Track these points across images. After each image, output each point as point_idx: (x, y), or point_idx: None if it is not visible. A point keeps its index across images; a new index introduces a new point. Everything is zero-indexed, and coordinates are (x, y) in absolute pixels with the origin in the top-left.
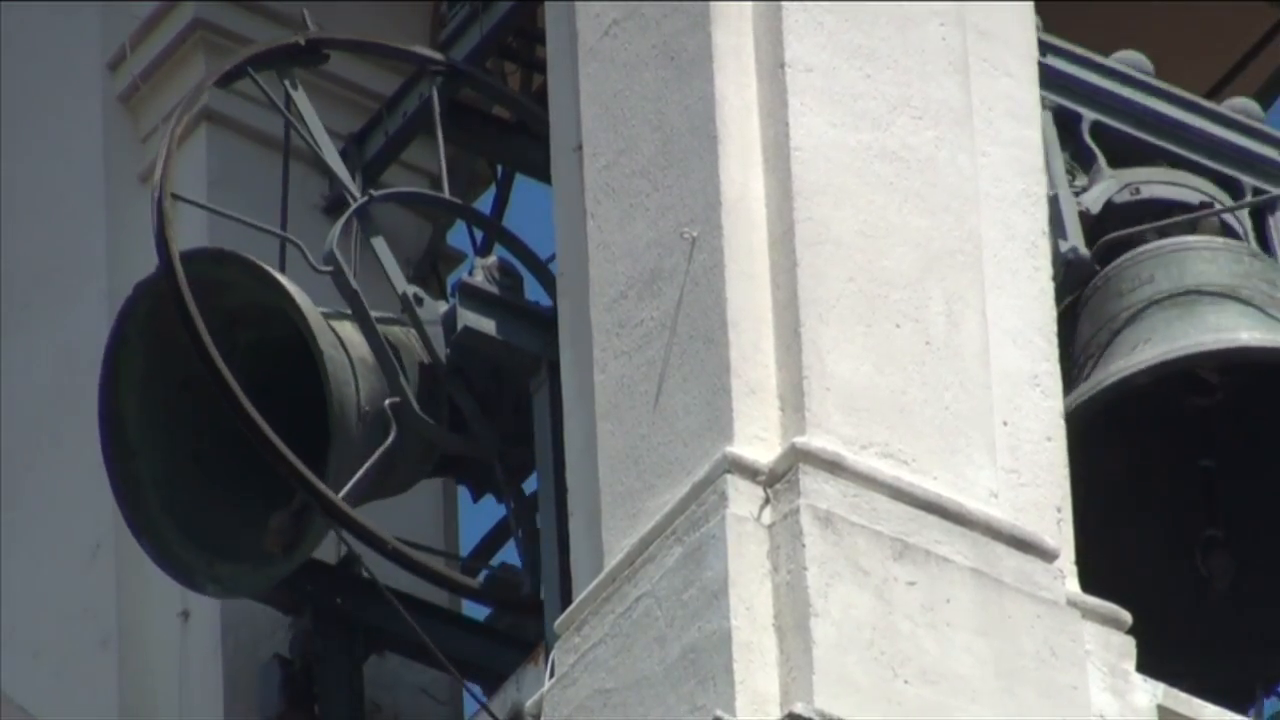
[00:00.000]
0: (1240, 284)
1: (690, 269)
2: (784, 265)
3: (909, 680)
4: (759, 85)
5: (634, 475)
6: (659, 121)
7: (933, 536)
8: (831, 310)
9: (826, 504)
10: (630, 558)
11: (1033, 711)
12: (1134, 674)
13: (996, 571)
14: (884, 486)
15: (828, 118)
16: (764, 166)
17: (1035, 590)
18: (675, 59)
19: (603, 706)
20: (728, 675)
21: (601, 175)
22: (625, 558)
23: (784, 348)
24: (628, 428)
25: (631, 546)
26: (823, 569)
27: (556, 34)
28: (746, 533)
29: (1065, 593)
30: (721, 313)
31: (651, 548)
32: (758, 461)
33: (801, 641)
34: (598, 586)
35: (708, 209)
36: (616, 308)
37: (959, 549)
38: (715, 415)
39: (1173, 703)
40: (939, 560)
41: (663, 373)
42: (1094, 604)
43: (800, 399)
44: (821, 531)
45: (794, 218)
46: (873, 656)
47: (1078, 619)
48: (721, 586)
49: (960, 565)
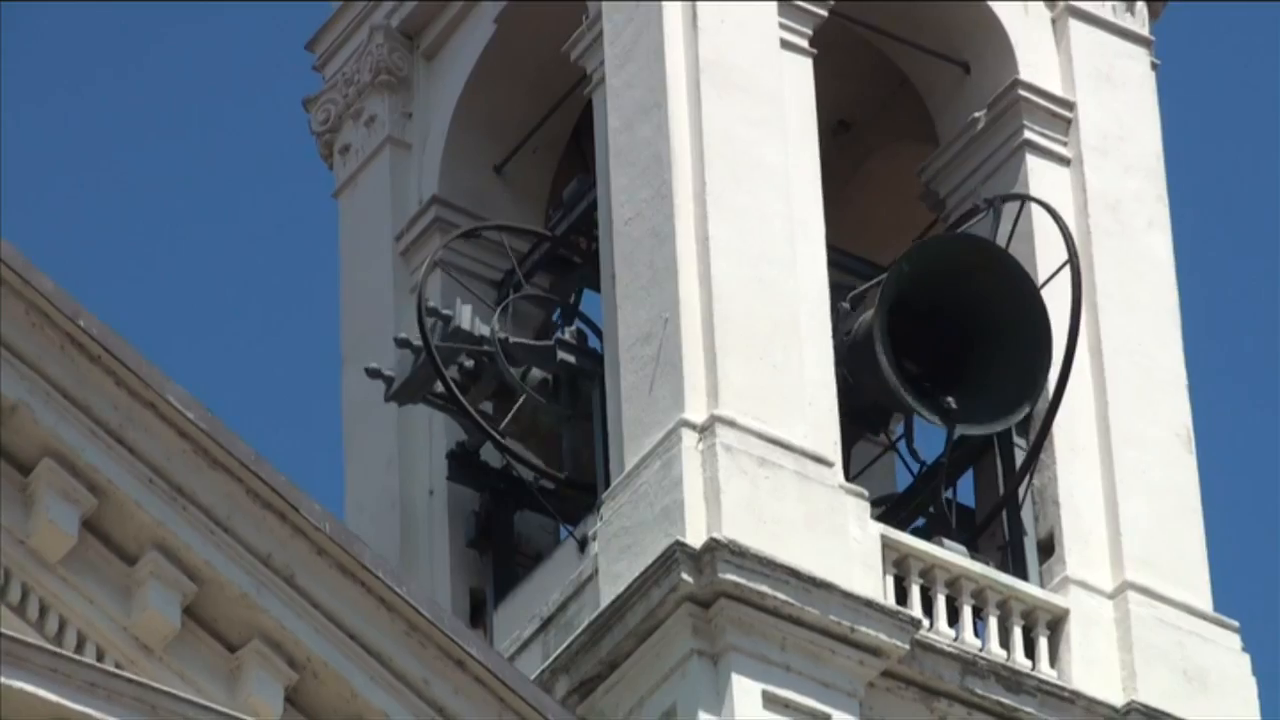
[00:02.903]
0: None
1: (665, 332)
2: (709, 336)
3: (769, 520)
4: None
5: (639, 427)
6: (651, 263)
7: (779, 454)
8: (725, 350)
9: (727, 442)
10: (637, 466)
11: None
12: (870, 522)
13: (803, 468)
14: (755, 433)
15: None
16: (699, 285)
17: (822, 479)
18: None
19: (624, 534)
20: (681, 519)
21: (625, 291)
22: (635, 466)
23: (710, 372)
24: (637, 405)
25: (637, 461)
26: (726, 472)
27: (604, 210)
28: (691, 455)
29: (838, 481)
30: (679, 353)
31: (647, 461)
32: (696, 421)
33: (716, 504)
34: (623, 479)
35: (672, 307)
36: (632, 349)
37: (790, 460)
38: (676, 400)
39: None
40: (776, 466)
41: (653, 379)
42: (853, 488)
43: (716, 391)
44: (724, 454)
45: (713, 308)
46: (748, 506)
47: (843, 495)
48: (679, 480)
49: (788, 469)
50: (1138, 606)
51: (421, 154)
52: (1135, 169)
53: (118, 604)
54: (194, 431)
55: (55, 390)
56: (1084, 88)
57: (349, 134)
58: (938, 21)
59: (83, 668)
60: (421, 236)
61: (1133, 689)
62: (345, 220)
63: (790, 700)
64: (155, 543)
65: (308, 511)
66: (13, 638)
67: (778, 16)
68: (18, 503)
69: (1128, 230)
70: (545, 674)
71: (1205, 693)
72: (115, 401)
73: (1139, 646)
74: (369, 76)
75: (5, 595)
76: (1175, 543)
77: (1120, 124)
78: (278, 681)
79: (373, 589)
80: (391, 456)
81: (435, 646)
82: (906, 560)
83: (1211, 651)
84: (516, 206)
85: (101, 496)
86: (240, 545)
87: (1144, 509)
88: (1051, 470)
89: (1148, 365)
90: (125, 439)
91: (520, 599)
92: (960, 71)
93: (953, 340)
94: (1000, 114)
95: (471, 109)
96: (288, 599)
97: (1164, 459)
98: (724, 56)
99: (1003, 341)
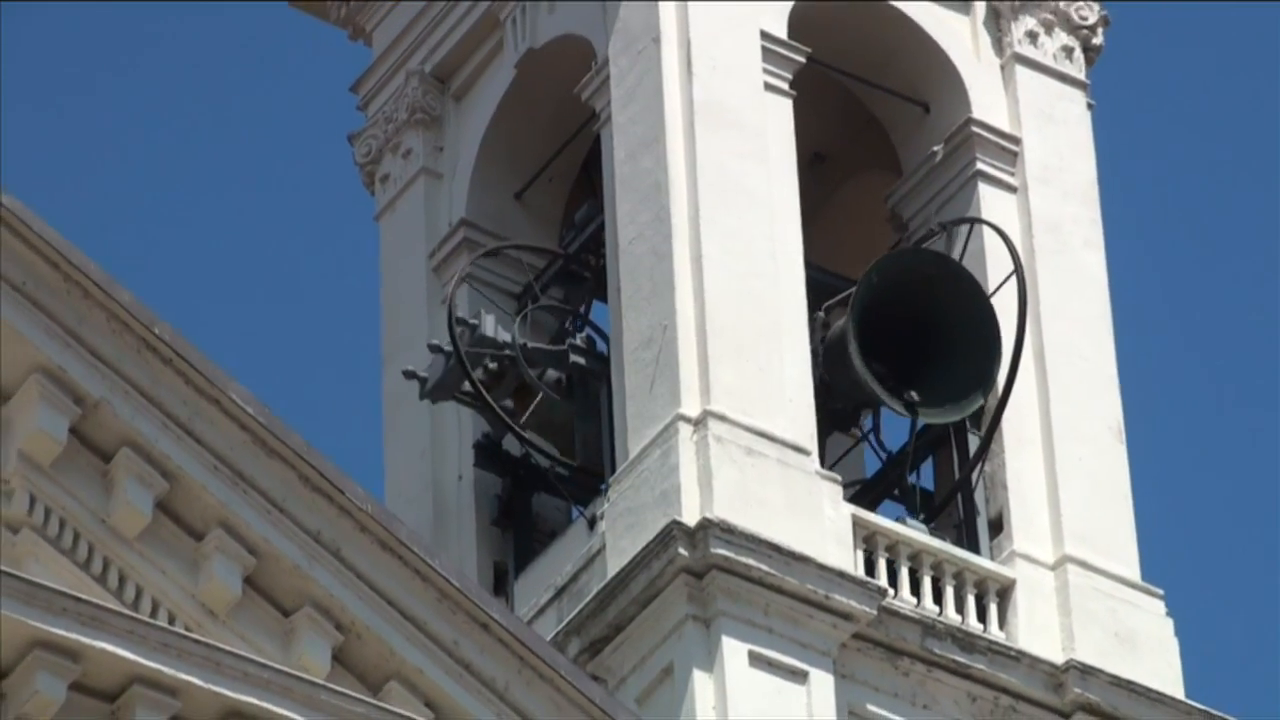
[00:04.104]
0: None
1: (664, 338)
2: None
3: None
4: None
5: (641, 421)
6: (651, 277)
7: (763, 445)
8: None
9: (718, 434)
10: (639, 455)
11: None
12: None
13: (785, 457)
14: (742, 426)
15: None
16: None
17: (801, 466)
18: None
19: (628, 514)
20: (678, 501)
21: (628, 302)
22: (637, 454)
23: (702, 372)
24: (639, 402)
25: (639, 450)
26: (717, 460)
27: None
28: (686, 445)
29: (815, 469)
30: (676, 356)
31: (648, 450)
32: (691, 416)
33: (708, 488)
34: (627, 466)
35: (669, 316)
36: (635, 353)
37: (772, 449)
38: (674, 397)
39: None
40: (760, 455)
41: (653, 379)
42: (828, 474)
43: (708, 389)
44: (715, 445)
45: (706, 317)
46: (736, 489)
47: (820, 480)
48: (676, 467)
49: (771, 458)
50: (1075, 577)
51: (451, 182)
52: (1073, 195)
53: (186, 574)
54: (253, 424)
55: (133, 389)
56: (1029, 125)
57: (388, 165)
58: (901, 67)
59: (156, 630)
60: (451, 255)
61: (1071, 649)
62: (385, 240)
63: (773, 659)
64: (219, 521)
65: (352, 494)
66: (96, 604)
67: (762, 62)
68: (99, 486)
69: (1066, 249)
70: (559, 636)
71: (1134, 652)
72: (184, 398)
73: (1076, 612)
74: (405, 115)
75: (89, 567)
76: (1108, 521)
77: (1060, 156)
78: (326, 642)
79: (409, 561)
80: (425, 447)
81: (463, 612)
82: (874, 537)
83: (1139, 616)
84: (534, 228)
85: (172, 481)
86: (293, 523)
87: (1081, 492)
88: (1000, 458)
89: (1084, 366)
90: (193, 431)
91: (537, 571)
92: (921, 111)
93: (914, 342)
94: (956, 147)
95: (495, 143)
96: (335, 570)
97: (1098, 449)
98: (715, 98)
99: (957, 342)
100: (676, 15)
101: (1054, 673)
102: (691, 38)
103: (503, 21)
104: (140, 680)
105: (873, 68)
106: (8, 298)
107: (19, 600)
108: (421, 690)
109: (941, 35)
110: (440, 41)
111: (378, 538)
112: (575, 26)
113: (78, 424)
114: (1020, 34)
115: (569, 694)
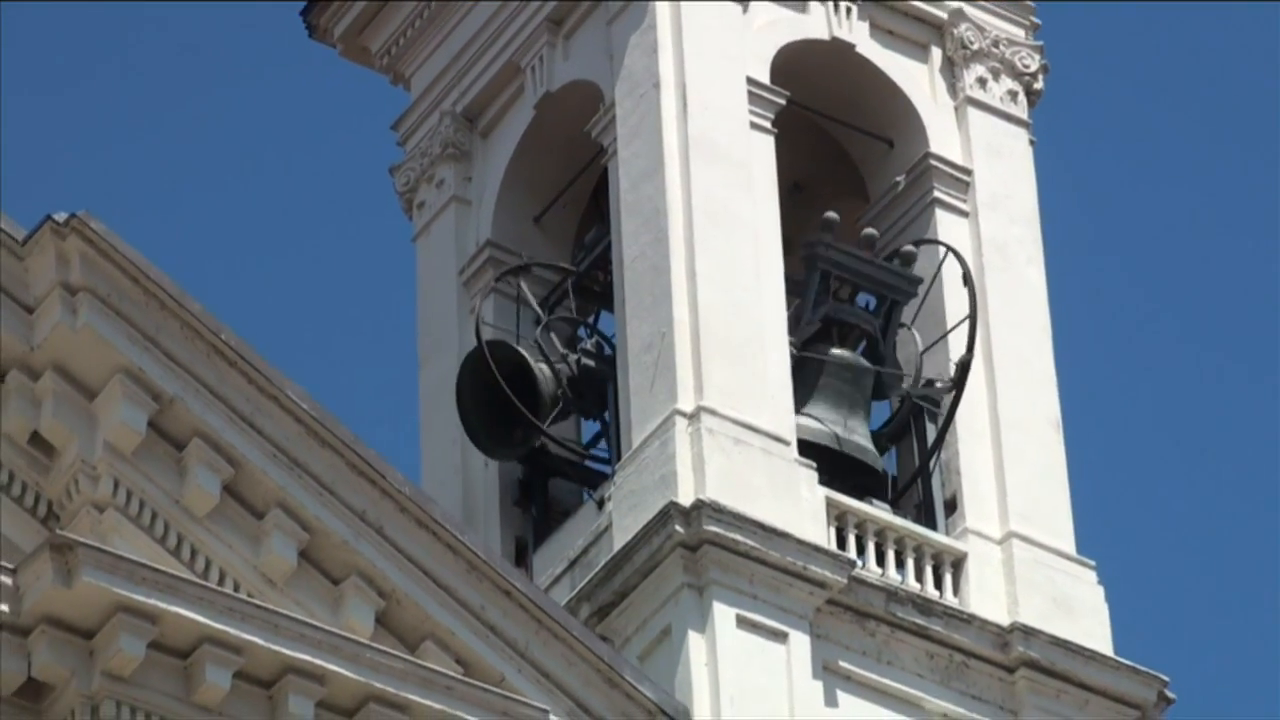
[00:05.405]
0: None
1: (663, 344)
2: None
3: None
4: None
5: (642, 415)
6: (651, 291)
7: (749, 436)
8: (708, 356)
9: (710, 426)
10: (641, 444)
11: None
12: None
13: (768, 446)
14: (731, 419)
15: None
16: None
17: (782, 455)
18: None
19: (631, 496)
20: (675, 484)
21: (632, 312)
22: (639, 444)
23: (696, 373)
24: (641, 398)
25: (640, 440)
26: (709, 449)
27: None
28: (682, 436)
29: (793, 457)
30: (673, 359)
31: (649, 440)
32: (686, 410)
33: (701, 473)
34: (631, 455)
35: (667, 324)
36: (638, 356)
37: (757, 440)
38: (671, 394)
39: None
40: (746, 444)
41: (653, 379)
42: (805, 461)
43: (702, 388)
44: (707, 436)
45: (699, 325)
46: (726, 475)
47: (798, 467)
48: (673, 455)
49: (756, 447)
50: (1019, 550)
51: (478, 208)
52: (1018, 219)
53: (249, 548)
54: (307, 418)
55: (203, 387)
56: (979, 158)
57: (424, 193)
58: (869, 108)
59: (223, 596)
60: (479, 271)
61: (1015, 612)
62: (421, 259)
63: (757, 622)
64: (278, 502)
65: (393, 479)
66: (171, 573)
67: (748, 104)
68: (174, 472)
69: (1012, 265)
70: (572, 601)
71: (1070, 615)
72: (248, 396)
73: (1020, 580)
74: (439, 150)
75: (164, 541)
76: (1048, 502)
77: (1006, 186)
78: (370, 607)
79: (442, 537)
80: (456, 437)
81: (489, 581)
82: (845, 516)
83: (1075, 584)
84: (550, 248)
85: (237, 467)
86: (342, 504)
87: (1024, 477)
88: (955, 448)
89: (1027, 367)
90: (255, 424)
91: (553, 545)
92: (886, 146)
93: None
94: (916, 178)
95: (516, 174)
96: (377, 544)
97: (1040, 439)
98: (707, 135)
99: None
100: (674, 63)
101: (1001, 633)
102: (686, 83)
103: (523, 69)
104: (209, 640)
105: (844, 109)
106: (95, 308)
107: (104, 570)
108: (453, 649)
109: (903, 81)
110: (470, 85)
111: (415, 516)
112: (586, 73)
113: (155, 418)
114: (972, 80)
115: (580, 652)
